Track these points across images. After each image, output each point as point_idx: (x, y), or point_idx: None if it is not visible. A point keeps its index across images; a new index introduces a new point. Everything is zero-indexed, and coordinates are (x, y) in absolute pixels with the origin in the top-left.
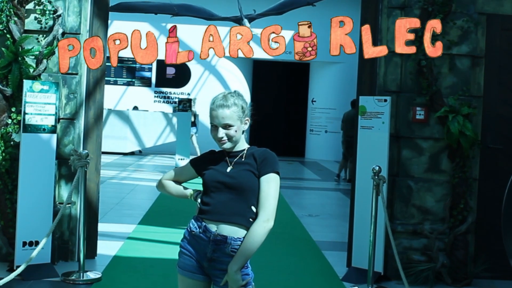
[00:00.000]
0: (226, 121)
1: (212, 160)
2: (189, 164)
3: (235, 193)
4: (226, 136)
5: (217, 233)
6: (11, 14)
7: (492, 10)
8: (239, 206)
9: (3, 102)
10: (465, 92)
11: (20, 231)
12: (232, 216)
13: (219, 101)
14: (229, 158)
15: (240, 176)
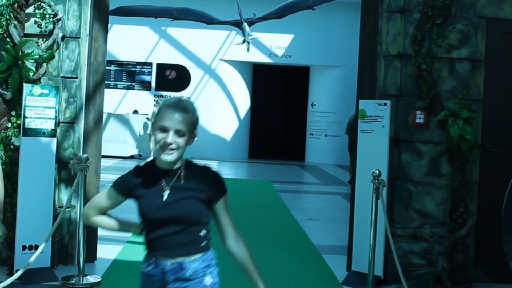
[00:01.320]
0: (181, 126)
1: (144, 182)
2: (114, 190)
3: (180, 225)
4: (175, 145)
5: (172, 261)
6: (11, 18)
7: (491, 13)
8: (187, 237)
9: (3, 106)
10: (464, 96)
11: (19, 235)
12: (182, 249)
13: (177, 102)
14: (165, 178)
15: (182, 207)
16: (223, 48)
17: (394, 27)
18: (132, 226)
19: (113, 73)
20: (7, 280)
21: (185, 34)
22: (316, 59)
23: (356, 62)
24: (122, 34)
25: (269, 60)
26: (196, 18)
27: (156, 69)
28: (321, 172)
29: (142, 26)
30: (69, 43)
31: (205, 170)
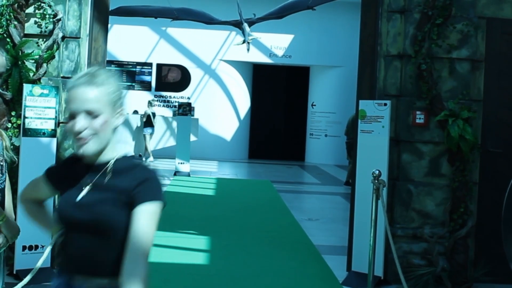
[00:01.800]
0: (92, 104)
1: (69, 175)
2: (43, 175)
3: (94, 235)
4: (89, 131)
5: (89, 285)
6: (11, 18)
7: (491, 14)
8: (103, 255)
9: (3, 106)
10: (465, 96)
11: (20, 236)
12: (96, 269)
13: (82, 76)
14: (90, 173)
15: (96, 210)
16: (223, 48)
17: (394, 27)
18: (53, 225)
19: None
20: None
21: (185, 34)
22: (316, 59)
23: (356, 62)
24: (122, 34)
25: (269, 60)
26: (196, 18)
27: (156, 69)
28: (321, 172)
29: (142, 26)
30: (69, 43)
31: (138, 167)
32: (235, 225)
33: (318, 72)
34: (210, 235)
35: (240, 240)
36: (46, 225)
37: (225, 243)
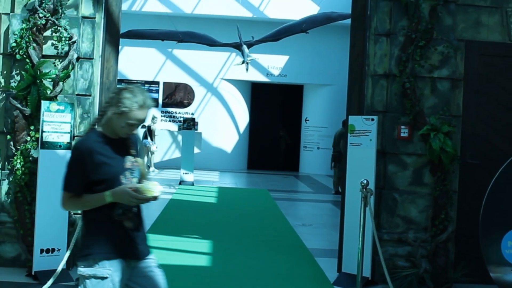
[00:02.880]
0: None
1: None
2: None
3: None
4: None
5: None
6: (30, 41)
7: (470, 37)
8: None
9: (23, 121)
10: (445, 112)
11: (38, 239)
12: None
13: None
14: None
15: None
16: (224, 68)
17: (381, 49)
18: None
19: None
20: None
21: (189, 55)
22: (309, 78)
23: (346, 81)
24: (132, 55)
25: (266, 79)
26: (200, 40)
27: (162, 87)
28: (314, 181)
29: (150, 48)
30: (83, 63)
31: None
32: (235, 230)
33: (311, 90)
34: (212, 239)
35: (240, 244)
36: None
37: (226, 246)
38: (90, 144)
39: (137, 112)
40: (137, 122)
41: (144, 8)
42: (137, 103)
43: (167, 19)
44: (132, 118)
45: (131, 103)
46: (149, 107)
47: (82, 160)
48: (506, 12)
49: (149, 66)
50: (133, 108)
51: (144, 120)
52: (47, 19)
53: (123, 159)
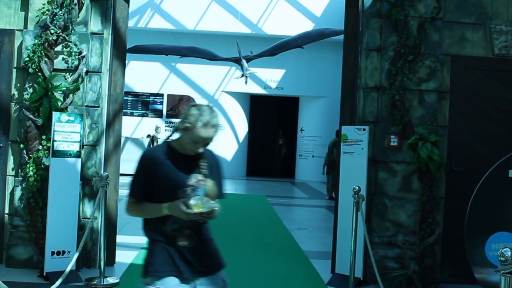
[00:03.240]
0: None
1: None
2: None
3: None
4: None
5: None
6: (42, 55)
7: (455, 51)
8: None
9: (35, 131)
10: (432, 122)
11: (49, 242)
12: None
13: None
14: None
15: None
16: (225, 81)
17: (372, 63)
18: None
19: (130, 102)
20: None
21: (192, 69)
22: (305, 90)
23: (339, 93)
24: (138, 69)
25: (264, 91)
26: (201, 55)
27: (167, 99)
28: (309, 188)
29: (155, 62)
30: (92, 77)
31: None
32: (235, 233)
33: (306, 101)
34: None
35: (239, 246)
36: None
37: (226, 248)
38: (156, 154)
39: (200, 130)
40: (200, 141)
41: (149, 25)
42: (201, 121)
43: (170, 35)
44: (195, 135)
45: (195, 120)
46: (214, 127)
47: (145, 168)
48: (489, 28)
49: (154, 79)
50: (197, 126)
51: (210, 139)
52: (58, 35)
53: (187, 175)
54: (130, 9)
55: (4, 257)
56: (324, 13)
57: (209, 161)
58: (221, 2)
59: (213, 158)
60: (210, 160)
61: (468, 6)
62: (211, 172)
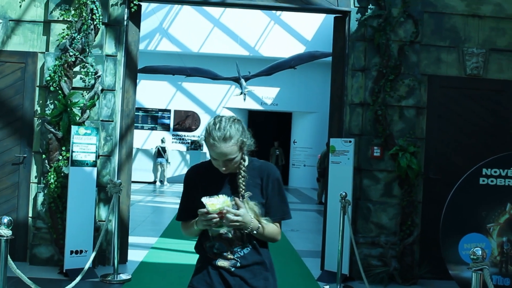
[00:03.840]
0: (227, 157)
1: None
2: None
3: None
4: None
5: None
6: (62, 75)
7: (432, 72)
8: None
9: (56, 143)
10: (411, 135)
11: (68, 242)
12: None
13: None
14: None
15: None
16: (225, 98)
17: (357, 82)
18: None
19: (140, 117)
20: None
21: (196, 87)
22: (297, 106)
23: (327, 109)
24: (148, 87)
25: (260, 107)
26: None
27: (173, 114)
28: (301, 194)
29: (163, 81)
30: (106, 94)
31: None
32: None
33: (298, 116)
34: None
35: None
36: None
37: None
38: (195, 172)
39: (211, 146)
40: (216, 157)
41: (158, 48)
42: (210, 135)
43: (177, 57)
44: (210, 151)
45: (206, 134)
46: (226, 141)
47: (186, 187)
48: (462, 51)
49: (162, 96)
50: (208, 141)
51: (226, 155)
52: (76, 57)
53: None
54: (140, 34)
55: (28, 256)
56: (314, 37)
57: (254, 178)
58: (222, 27)
59: (263, 174)
60: (256, 177)
61: (443, 31)
62: (254, 190)
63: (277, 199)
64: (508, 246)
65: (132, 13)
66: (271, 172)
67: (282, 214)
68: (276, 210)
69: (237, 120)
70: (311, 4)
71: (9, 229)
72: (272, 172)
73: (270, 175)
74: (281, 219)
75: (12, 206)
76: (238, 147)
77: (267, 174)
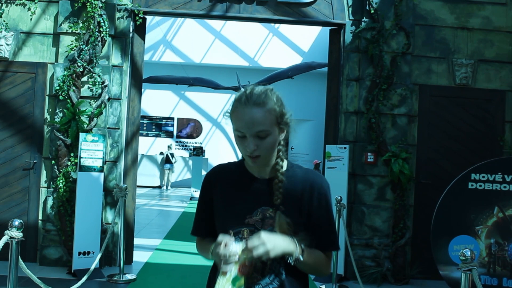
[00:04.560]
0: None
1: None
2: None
3: None
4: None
5: None
6: (70, 85)
7: (423, 81)
8: None
9: (64, 149)
10: (403, 142)
11: (76, 244)
12: None
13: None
14: None
15: None
16: (226, 107)
17: (351, 91)
18: None
19: (145, 125)
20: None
21: (198, 96)
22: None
23: (323, 116)
24: (152, 96)
25: None
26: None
27: (177, 122)
28: None
29: (167, 90)
30: (113, 103)
31: None
32: None
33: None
34: None
35: None
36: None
37: None
38: (216, 173)
39: (238, 110)
40: (242, 128)
41: (162, 59)
42: (240, 97)
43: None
44: (234, 122)
45: (233, 104)
46: (259, 106)
47: (202, 191)
48: (451, 61)
49: (166, 105)
50: (233, 113)
51: (256, 125)
52: (84, 67)
53: (251, 208)
54: (145, 45)
55: (38, 257)
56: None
57: (294, 189)
58: (223, 39)
59: (306, 185)
60: (296, 189)
61: (434, 43)
62: (289, 204)
63: (324, 222)
64: (496, 247)
65: (137, 25)
66: (318, 183)
67: (328, 243)
68: (321, 236)
69: (275, 91)
70: (308, 17)
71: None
72: (319, 184)
73: (315, 187)
74: (327, 250)
75: (23, 210)
76: (274, 119)
77: (312, 186)
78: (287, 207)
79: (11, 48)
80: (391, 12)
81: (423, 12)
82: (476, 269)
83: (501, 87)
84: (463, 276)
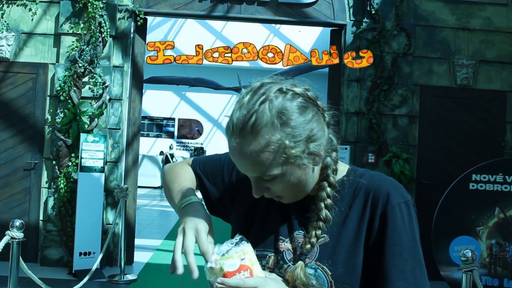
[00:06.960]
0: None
1: None
2: None
3: None
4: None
5: None
6: (71, 85)
7: (424, 82)
8: None
9: (65, 150)
10: (404, 142)
11: (77, 244)
12: None
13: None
14: None
15: None
16: (227, 107)
17: (352, 92)
18: None
19: (146, 125)
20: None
21: (199, 97)
22: None
23: None
24: (153, 97)
25: None
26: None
27: (177, 123)
28: None
29: (168, 91)
30: (114, 103)
31: None
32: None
33: None
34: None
35: None
36: None
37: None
38: None
39: (229, 147)
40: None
41: None
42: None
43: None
44: None
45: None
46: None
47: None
48: (452, 62)
49: (167, 105)
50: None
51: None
52: (85, 68)
53: (282, 232)
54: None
55: (39, 257)
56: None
57: (354, 207)
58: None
59: (368, 200)
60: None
61: (435, 43)
62: (345, 233)
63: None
64: (496, 248)
65: (138, 26)
66: (388, 196)
67: None
68: (391, 278)
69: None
70: (309, 18)
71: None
72: (392, 198)
73: (383, 202)
74: None
75: (24, 210)
76: (280, 157)
77: (376, 200)
78: (344, 235)
79: (12, 48)
80: (392, 13)
81: (424, 12)
82: (477, 269)
83: (502, 87)
84: (464, 276)
